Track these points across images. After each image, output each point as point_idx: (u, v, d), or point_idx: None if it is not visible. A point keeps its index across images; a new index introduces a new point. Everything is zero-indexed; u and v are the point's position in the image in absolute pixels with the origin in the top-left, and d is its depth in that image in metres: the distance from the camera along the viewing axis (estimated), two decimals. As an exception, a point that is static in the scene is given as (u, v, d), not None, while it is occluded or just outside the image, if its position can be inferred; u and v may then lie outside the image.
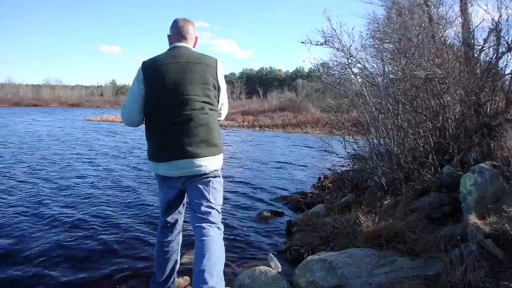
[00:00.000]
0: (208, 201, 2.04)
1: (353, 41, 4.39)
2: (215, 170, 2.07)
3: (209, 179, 2.05)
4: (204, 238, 1.92)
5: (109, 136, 14.66)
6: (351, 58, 4.51)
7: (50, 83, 64.37)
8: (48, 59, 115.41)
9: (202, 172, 2.01)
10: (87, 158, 8.77)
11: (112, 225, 4.08)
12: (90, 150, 10.33)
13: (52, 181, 6.21)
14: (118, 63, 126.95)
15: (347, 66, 4.64)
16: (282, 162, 8.86)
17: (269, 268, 2.64)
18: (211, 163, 2.01)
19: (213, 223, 2.00)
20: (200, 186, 2.04)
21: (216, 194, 2.09)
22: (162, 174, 2.06)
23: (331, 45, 4.45)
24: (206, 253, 1.86)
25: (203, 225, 1.98)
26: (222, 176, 2.18)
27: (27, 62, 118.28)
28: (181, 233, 2.36)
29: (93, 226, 4.01)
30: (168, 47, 2.14)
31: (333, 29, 4.35)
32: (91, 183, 6.17)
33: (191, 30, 2.15)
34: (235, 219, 4.42)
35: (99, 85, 70.25)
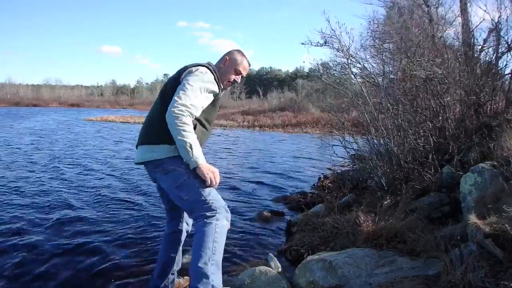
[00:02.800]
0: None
1: (352, 41, 4.41)
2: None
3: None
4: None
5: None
6: (351, 58, 4.51)
7: (50, 83, 64.41)
8: (48, 59, 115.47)
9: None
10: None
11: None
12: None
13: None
14: (118, 63, 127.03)
15: (346, 66, 4.65)
16: (282, 162, 8.86)
17: (269, 268, 2.64)
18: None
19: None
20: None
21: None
22: None
23: (331, 45, 4.47)
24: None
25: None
26: (225, 175, 2.17)
27: (27, 62, 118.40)
28: (184, 232, 2.32)
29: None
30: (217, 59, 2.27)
31: (332, 29, 4.36)
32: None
33: None
34: (235, 219, 4.42)
35: (99, 85, 70.32)
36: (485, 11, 3.80)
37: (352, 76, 4.81)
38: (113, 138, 14.00)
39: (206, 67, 2.04)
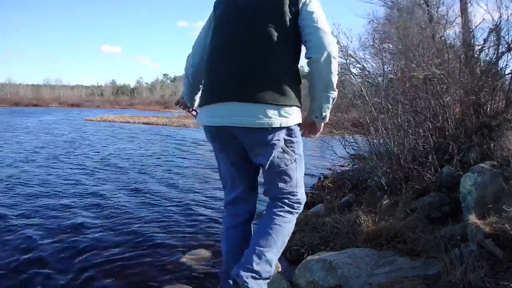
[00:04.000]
0: None
1: (350, 41, 4.41)
2: None
3: None
4: None
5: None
6: (350, 58, 4.52)
7: (50, 83, 64.42)
8: (48, 59, 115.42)
9: None
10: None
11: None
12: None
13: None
14: (118, 63, 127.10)
15: (346, 66, 4.65)
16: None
17: (269, 268, 2.64)
18: None
19: None
20: None
21: None
22: None
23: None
24: None
25: None
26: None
27: (27, 62, 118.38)
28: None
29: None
30: None
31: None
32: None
33: None
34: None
35: (99, 85, 70.35)
36: (485, 10, 3.80)
37: (352, 76, 4.81)
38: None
39: None
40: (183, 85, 1.86)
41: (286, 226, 1.69)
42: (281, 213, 1.70)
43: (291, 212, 1.74)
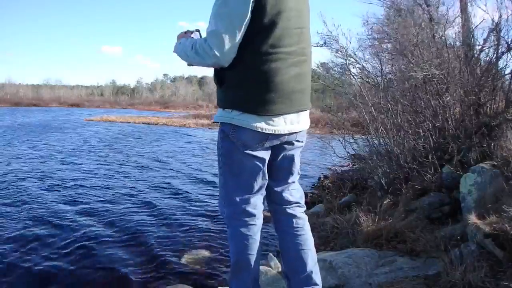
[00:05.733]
0: None
1: (350, 42, 4.41)
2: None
3: None
4: None
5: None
6: (349, 58, 4.52)
7: (50, 83, 64.40)
8: (48, 59, 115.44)
9: None
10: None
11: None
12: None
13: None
14: (119, 63, 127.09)
15: (345, 66, 4.66)
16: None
17: (269, 268, 2.64)
18: None
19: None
20: None
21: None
22: None
23: (329, 46, 4.47)
24: None
25: None
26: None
27: (27, 62, 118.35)
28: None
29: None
30: None
31: (329, 31, 4.37)
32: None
33: None
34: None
35: (99, 85, 70.30)
36: (485, 11, 3.80)
37: (351, 77, 4.81)
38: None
39: None
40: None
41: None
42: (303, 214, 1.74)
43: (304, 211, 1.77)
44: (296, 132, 1.58)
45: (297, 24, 1.50)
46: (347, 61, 4.52)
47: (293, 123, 1.56)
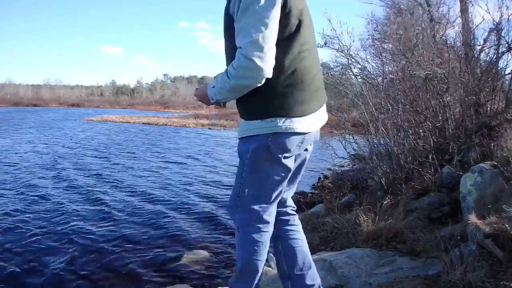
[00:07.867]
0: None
1: (353, 41, 4.41)
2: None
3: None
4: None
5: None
6: (351, 58, 4.52)
7: (50, 83, 64.38)
8: (48, 59, 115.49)
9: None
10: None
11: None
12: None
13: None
14: (119, 63, 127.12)
15: (347, 66, 4.65)
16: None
17: (269, 268, 2.64)
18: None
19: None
20: None
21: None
22: None
23: (331, 46, 4.47)
24: None
25: None
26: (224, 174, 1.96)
27: (27, 62, 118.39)
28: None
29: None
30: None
31: (333, 29, 4.36)
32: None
33: None
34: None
35: (99, 85, 70.30)
36: (485, 11, 3.80)
37: (352, 77, 4.82)
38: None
39: None
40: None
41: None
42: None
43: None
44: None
45: (310, 19, 1.49)
46: (349, 60, 4.52)
47: (319, 118, 1.54)
